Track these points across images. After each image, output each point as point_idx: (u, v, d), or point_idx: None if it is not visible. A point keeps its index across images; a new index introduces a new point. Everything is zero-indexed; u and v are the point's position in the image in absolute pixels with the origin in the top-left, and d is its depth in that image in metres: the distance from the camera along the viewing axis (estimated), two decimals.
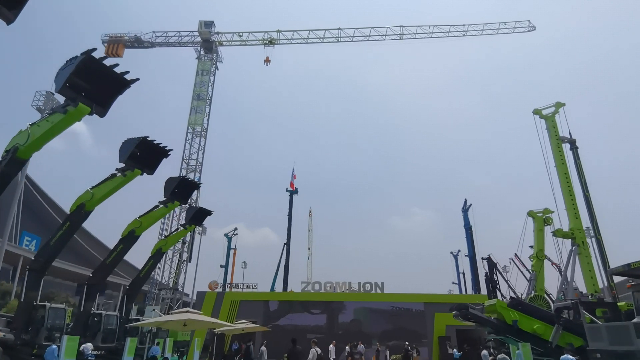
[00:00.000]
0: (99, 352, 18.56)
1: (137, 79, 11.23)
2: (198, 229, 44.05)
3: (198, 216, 23.05)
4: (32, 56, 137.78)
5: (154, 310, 21.89)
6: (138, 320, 21.54)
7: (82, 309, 18.51)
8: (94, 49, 10.35)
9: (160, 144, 16.20)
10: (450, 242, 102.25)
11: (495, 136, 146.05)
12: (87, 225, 72.45)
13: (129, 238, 19.39)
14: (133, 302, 22.89)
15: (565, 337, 15.50)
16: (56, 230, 16.06)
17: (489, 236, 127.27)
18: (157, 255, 22.81)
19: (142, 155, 16.06)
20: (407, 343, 25.37)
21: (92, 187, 16.06)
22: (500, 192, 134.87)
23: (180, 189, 19.96)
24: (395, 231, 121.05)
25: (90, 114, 11.14)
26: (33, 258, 16.59)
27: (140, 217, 19.45)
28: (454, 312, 16.92)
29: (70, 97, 10.84)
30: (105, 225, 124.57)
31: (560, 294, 21.43)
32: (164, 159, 16.86)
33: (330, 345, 21.99)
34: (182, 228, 23.83)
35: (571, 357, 11.81)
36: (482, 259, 32.60)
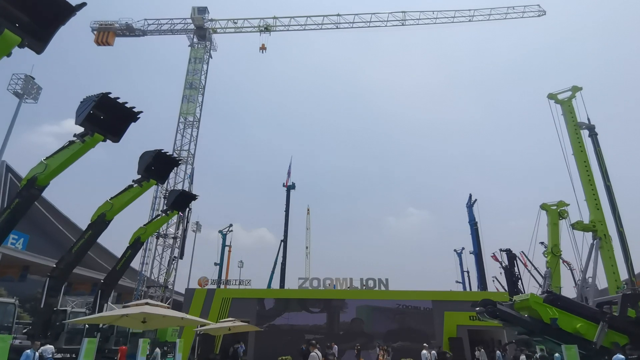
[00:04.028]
0: (62, 355, 16.14)
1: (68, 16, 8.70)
2: (193, 226, 41.58)
3: (181, 201, 20.37)
4: None
5: (108, 304, 19.35)
6: None
7: (42, 305, 15.98)
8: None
9: (126, 103, 13.61)
10: (447, 241, 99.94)
11: (493, 136, 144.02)
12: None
13: (99, 223, 16.78)
14: (109, 298, 20.31)
15: (610, 335, 13.16)
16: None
17: (487, 234, 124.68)
18: (136, 245, 20.21)
19: (107, 119, 13.52)
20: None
21: (46, 158, 13.51)
22: (495, 191, 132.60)
23: (157, 166, 17.29)
24: (391, 231, 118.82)
25: None
26: None
27: (111, 198, 16.88)
28: (478, 308, 14.26)
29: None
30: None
31: (624, 284, 19.19)
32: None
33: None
34: (163, 214, 21.21)
35: (622, 356, 10.20)
36: (501, 250, 30.30)
